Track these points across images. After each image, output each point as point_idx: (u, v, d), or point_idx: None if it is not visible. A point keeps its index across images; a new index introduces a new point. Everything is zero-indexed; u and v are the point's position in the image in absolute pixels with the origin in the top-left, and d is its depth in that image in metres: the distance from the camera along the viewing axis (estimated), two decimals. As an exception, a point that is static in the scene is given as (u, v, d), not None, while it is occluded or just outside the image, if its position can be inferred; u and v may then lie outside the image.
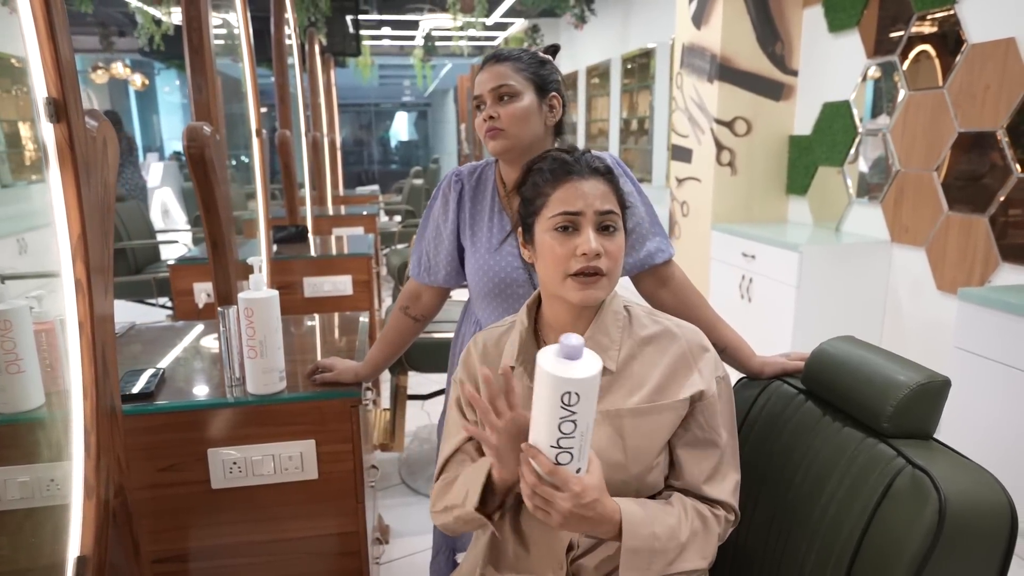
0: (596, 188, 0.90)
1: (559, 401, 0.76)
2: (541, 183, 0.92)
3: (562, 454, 0.79)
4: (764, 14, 3.62)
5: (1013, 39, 2.50)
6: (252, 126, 2.62)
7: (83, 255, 1.02)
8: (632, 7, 6.26)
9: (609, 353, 0.94)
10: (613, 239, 0.90)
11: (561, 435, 0.78)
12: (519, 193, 0.97)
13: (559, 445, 0.78)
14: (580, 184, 0.89)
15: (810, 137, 3.62)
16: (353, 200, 6.11)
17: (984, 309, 2.10)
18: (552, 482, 0.78)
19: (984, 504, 0.77)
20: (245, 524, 1.35)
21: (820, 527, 0.91)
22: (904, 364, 0.92)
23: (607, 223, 0.90)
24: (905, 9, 2.99)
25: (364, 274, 2.90)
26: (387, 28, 8.50)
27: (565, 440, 0.78)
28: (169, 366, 1.49)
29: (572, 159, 0.92)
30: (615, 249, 0.90)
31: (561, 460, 0.79)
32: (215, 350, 1.63)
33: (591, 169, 0.91)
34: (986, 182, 2.63)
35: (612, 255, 0.90)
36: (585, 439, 0.79)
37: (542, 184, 0.91)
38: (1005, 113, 2.53)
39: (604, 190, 0.90)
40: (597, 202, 0.89)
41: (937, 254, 2.88)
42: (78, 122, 1.00)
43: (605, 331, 0.95)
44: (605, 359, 0.93)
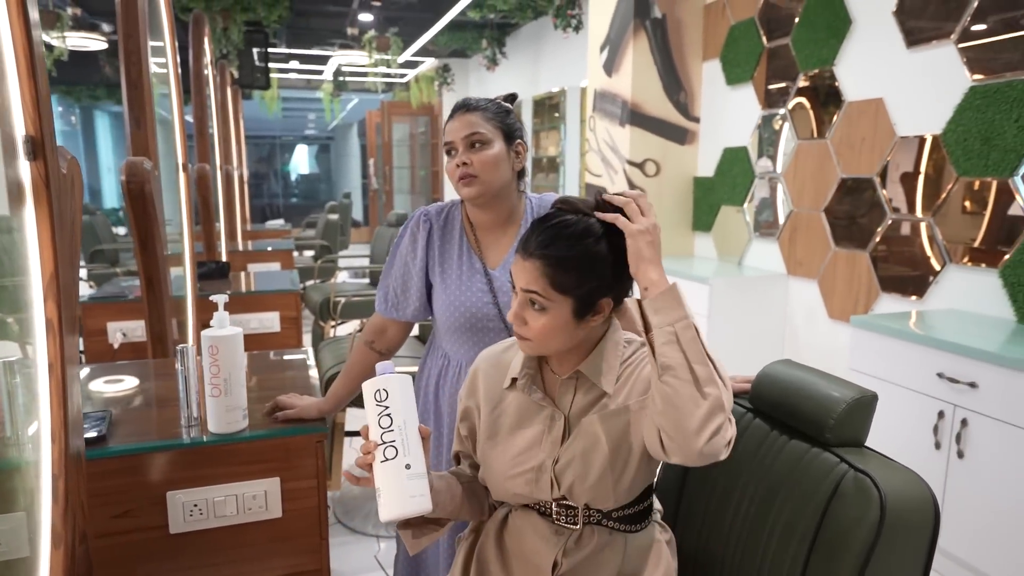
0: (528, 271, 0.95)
1: (374, 400, 0.93)
2: None
3: (388, 448, 0.92)
4: (669, 65, 3.92)
5: (881, 99, 2.87)
6: (178, 160, 2.56)
7: (55, 295, 1.00)
8: (542, 52, 6.57)
9: (606, 376, 1.02)
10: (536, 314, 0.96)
11: (382, 429, 0.92)
12: None
13: (383, 440, 0.92)
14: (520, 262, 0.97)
15: (713, 179, 3.94)
16: (263, 235, 5.95)
17: (872, 334, 2.37)
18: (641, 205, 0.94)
19: (915, 499, 0.90)
20: (204, 569, 1.31)
21: (776, 529, 1.02)
22: (838, 382, 1.06)
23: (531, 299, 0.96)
24: (792, 67, 3.35)
25: (292, 310, 2.86)
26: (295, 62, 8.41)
27: (387, 434, 0.92)
28: (114, 409, 1.43)
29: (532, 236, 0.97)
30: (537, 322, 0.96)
31: (387, 455, 0.91)
32: (158, 391, 1.58)
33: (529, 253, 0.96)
34: (865, 221, 2.97)
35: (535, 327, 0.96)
36: (406, 436, 0.92)
37: None
38: (879, 162, 2.88)
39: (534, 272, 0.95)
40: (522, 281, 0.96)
41: (827, 285, 3.19)
42: (53, 160, 0.99)
43: (603, 358, 1.02)
44: (600, 381, 1.01)
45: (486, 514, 1.13)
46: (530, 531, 1.05)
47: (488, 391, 1.10)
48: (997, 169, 2.40)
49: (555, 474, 1.01)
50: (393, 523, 0.97)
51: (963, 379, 2.07)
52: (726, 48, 3.79)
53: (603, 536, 1.03)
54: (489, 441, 1.07)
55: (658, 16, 3.86)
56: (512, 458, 1.04)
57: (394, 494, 0.91)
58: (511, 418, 1.06)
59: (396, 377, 0.95)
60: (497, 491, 1.07)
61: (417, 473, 0.92)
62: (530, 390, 1.05)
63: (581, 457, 1.00)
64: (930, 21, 2.66)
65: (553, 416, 1.03)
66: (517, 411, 1.06)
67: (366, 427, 0.94)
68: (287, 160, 19.51)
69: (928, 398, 2.18)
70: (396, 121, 10.23)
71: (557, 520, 1.03)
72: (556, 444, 1.02)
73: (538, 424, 1.04)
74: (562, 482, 1.01)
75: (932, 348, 2.17)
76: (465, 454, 1.16)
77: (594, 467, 0.99)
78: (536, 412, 1.05)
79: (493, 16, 5.71)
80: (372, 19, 6.30)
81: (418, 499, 0.91)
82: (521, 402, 1.06)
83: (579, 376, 1.03)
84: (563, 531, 1.03)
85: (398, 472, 0.91)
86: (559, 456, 1.01)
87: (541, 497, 1.03)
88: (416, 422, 0.95)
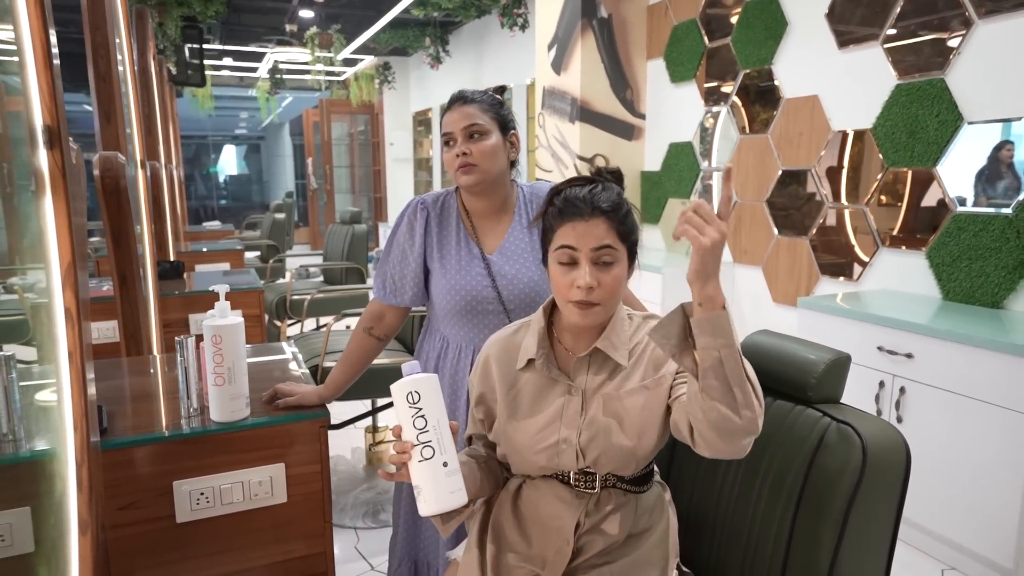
0: (595, 228, 1.01)
1: (407, 402, 0.97)
2: (551, 217, 1.06)
3: (425, 448, 0.97)
4: (615, 63, 4.06)
5: (817, 96, 3.07)
6: (136, 157, 2.50)
7: (72, 283, 1.00)
8: (485, 50, 6.63)
9: (620, 351, 1.09)
10: (608, 271, 1.03)
11: (418, 431, 0.97)
12: (542, 221, 1.10)
13: (419, 440, 0.97)
14: (580, 224, 1.02)
15: (659, 173, 4.10)
16: (204, 236, 5.78)
17: (818, 314, 2.56)
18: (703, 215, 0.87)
19: (890, 443, 1.02)
20: (212, 556, 1.31)
21: (766, 484, 1.13)
22: (814, 346, 1.17)
23: (602, 257, 1.03)
24: (732, 67, 3.54)
25: (255, 308, 2.83)
26: (229, 59, 8.18)
27: (423, 435, 0.97)
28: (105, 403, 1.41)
29: (580, 199, 1.03)
30: (609, 280, 1.03)
31: (425, 455, 0.97)
32: (143, 386, 1.57)
33: (593, 208, 1.02)
34: (805, 210, 3.18)
35: (606, 285, 1.03)
36: (441, 434, 0.97)
37: (552, 219, 1.06)
38: (816, 155, 3.09)
39: (603, 229, 1.01)
40: (592, 240, 1.01)
41: (771, 272, 3.39)
42: (68, 150, 1.00)
43: (617, 333, 1.10)
44: (617, 355, 1.09)
45: (502, 487, 1.20)
46: (550, 497, 1.11)
47: (502, 374, 1.15)
48: (921, 160, 2.62)
49: (580, 447, 1.08)
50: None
51: (900, 351, 2.26)
52: (669, 47, 3.96)
53: (618, 497, 1.11)
54: (511, 420, 1.12)
55: (604, 16, 3.99)
56: (535, 433, 1.10)
57: (433, 492, 0.97)
58: (529, 396, 1.12)
59: (426, 378, 0.98)
60: (521, 465, 1.13)
61: (453, 470, 0.98)
62: (548, 368, 1.11)
63: (605, 432, 1.06)
64: (859, 25, 2.88)
65: (570, 391, 1.10)
66: (535, 389, 1.12)
67: (398, 427, 0.98)
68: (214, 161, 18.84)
69: (869, 370, 2.37)
70: (336, 119, 10.09)
71: (576, 486, 1.11)
72: (576, 417, 1.08)
73: (557, 399, 1.10)
74: (588, 454, 1.08)
75: (872, 324, 2.36)
76: (479, 436, 1.22)
77: (618, 441, 1.06)
78: (552, 388, 1.11)
79: (437, 14, 5.74)
80: (312, 15, 6.21)
81: (457, 494, 0.98)
82: (537, 380, 1.12)
83: (593, 353, 1.10)
84: (583, 495, 1.10)
85: (436, 471, 0.97)
86: (582, 430, 1.08)
87: (565, 468, 1.10)
88: (447, 420, 1.00)
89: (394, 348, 2.72)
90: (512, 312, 1.37)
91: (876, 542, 1.03)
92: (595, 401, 1.09)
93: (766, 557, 1.11)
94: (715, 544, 1.22)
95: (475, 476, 1.12)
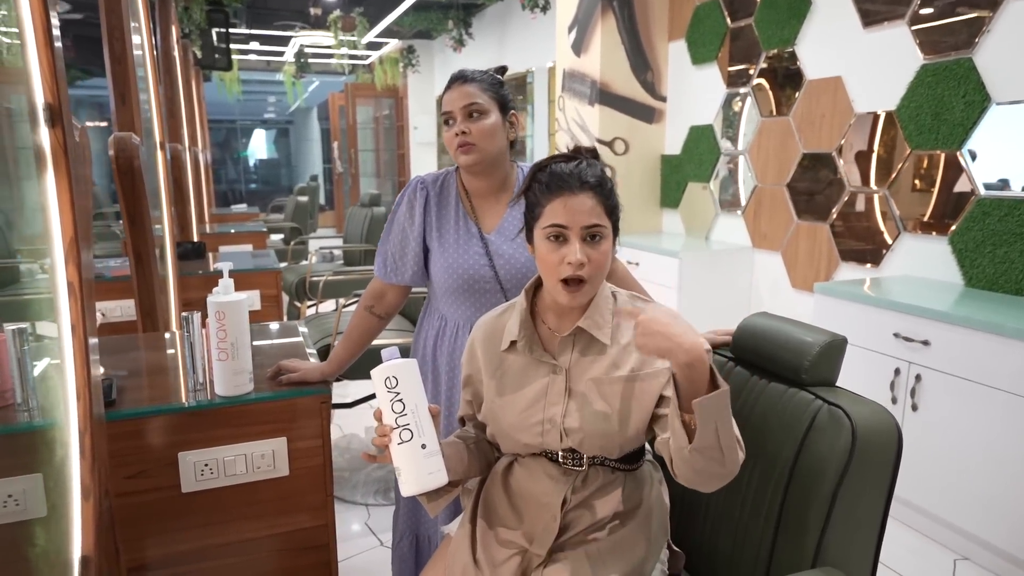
0: (585, 203, 1.01)
1: (385, 387, 0.99)
2: (538, 193, 1.05)
3: (403, 431, 0.99)
4: (636, 46, 4.01)
5: (840, 77, 3.00)
6: (156, 139, 2.55)
7: (75, 258, 1.04)
8: (508, 33, 6.59)
9: (604, 330, 1.09)
10: (598, 247, 1.03)
11: (396, 414, 0.99)
12: (524, 197, 1.10)
13: (398, 424, 0.99)
14: (570, 199, 1.01)
15: (680, 156, 4.05)
16: (230, 218, 5.89)
17: (835, 300, 2.52)
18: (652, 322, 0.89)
19: (881, 425, 1.01)
20: (216, 526, 1.36)
21: (759, 462, 1.12)
22: (810, 329, 1.16)
23: (593, 233, 1.03)
24: (755, 48, 3.47)
25: (272, 288, 2.88)
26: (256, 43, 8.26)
27: (401, 418, 0.99)
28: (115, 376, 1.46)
29: (567, 173, 1.03)
30: (599, 256, 1.03)
31: (404, 437, 0.99)
32: (159, 361, 1.61)
33: (582, 183, 1.02)
34: (826, 195, 3.12)
35: (595, 262, 1.03)
36: (419, 417, 1.00)
37: (539, 195, 1.05)
38: (838, 138, 3.02)
39: (592, 204, 1.02)
40: (583, 216, 1.01)
41: (791, 257, 3.34)
42: (70, 128, 1.03)
43: (599, 312, 1.10)
44: (600, 334, 1.09)
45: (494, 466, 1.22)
46: (539, 473, 1.12)
47: (487, 357, 1.16)
48: (946, 142, 2.55)
49: (564, 429, 1.08)
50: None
51: (917, 338, 2.22)
52: (691, 28, 3.89)
53: (607, 475, 1.12)
54: (498, 399, 1.14)
55: (625, -3, 3.93)
56: (520, 412, 1.11)
57: (413, 473, 1.00)
58: (514, 377, 1.13)
59: (403, 363, 1.01)
60: (507, 444, 1.14)
61: (432, 451, 1.01)
62: (532, 349, 1.11)
63: (591, 416, 1.06)
64: (884, 4, 2.80)
65: (555, 371, 1.10)
66: (520, 370, 1.13)
67: (379, 411, 1.01)
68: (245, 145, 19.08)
69: (885, 357, 2.33)
70: (360, 103, 10.13)
71: (564, 463, 1.11)
72: (560, 397, 1.09)
73: (541, 379, 1.11)
74: (571, 435, 1.08)
75: (889, 310, 2.31)
76: (469, 416, 1.24)
77: (603, 426, 1.06)
78: (536, 369, 1.12)
79: (459, -4, 5.72)
80: (336, -1, 6.23)
81: (435, 475, 1.01)
82: (521, 362, 1.12)
83: (577, 333, 1.11)
84: (571, 472, 1.11)
85: (414, 453, 1.00)
86: (567, 412, 1.08)
87: (550, 447, 1.11)
88: (426, 403, 1.02)
89: (405, 328, 2.75)
90: (509, 292, 1.37)
91: (864, 525, 1.03)
92: (583, 383, 1.09)
93: (755, 538, 1.11)
94: (707, 525, 1.22)
95: (462, 457, 1.14)
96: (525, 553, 1.09)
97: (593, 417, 1.07)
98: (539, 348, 1.12)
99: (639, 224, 4.23)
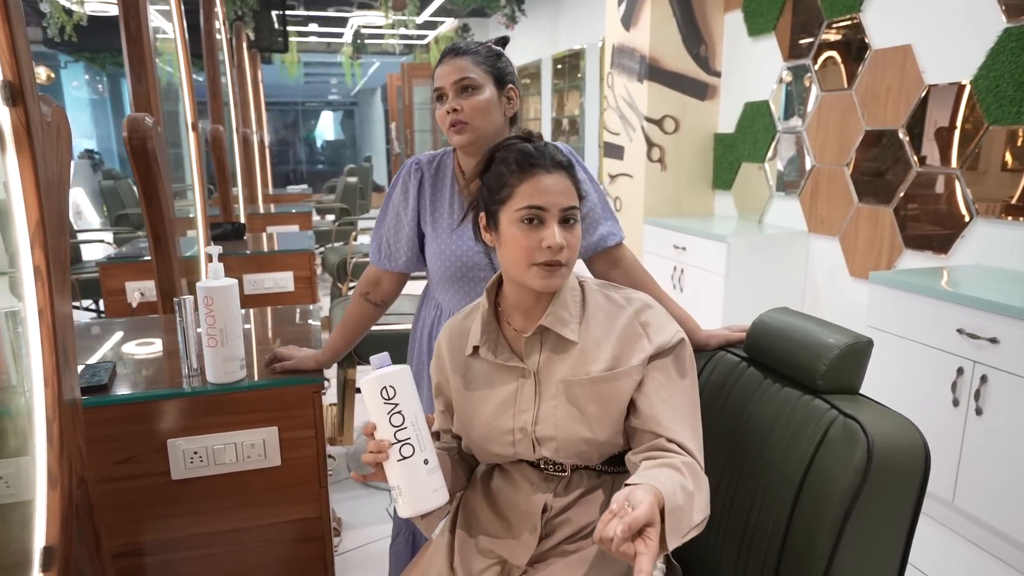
0: (560, 183, 0.94)
1: (381, 398, 0.90)
2: (507, 174, 0.96)
3: (404, 446, 0.90)
4: (689, 17, 3.80)
5: (910, 46, 2.74)
6: (187, 120, 2.56)
7: (42, 241, 1.01)
8: (561, 8, 6.41)
9: (570, 326, 0.99)
10: (573, 231, 0.96)
11: (395, 428, 0.90)
12: (481, 179, 1.01)
13: (397, 439, 0.90)
14: (545, 179, 0.94)
15: (733, 135, 3.83)
16: (284, 199, 5.99)
17: (891, 290, 2.31)
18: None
19: (904, 444, 0.88)
20: (206, 515, 1.34)
21: (764, 476, 1.00)
22: (833, 328, 1.02)
23: (568, 216, 0.95)
24: (816, 16, 3.22)
25: (305, 270, 2.88)
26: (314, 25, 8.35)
27: (401, 432, 0.90)
28: (118, 361, 1.46)
29: (536, 152, 0.95)
30: (575, 240, 0.96)
31: (404, 453, 0.89)
32: (162, 344, 1.61)
33: (555, 163, 0.95)
34: (890, 176, 2.87)
35: (572, 246, 0.96)
36: (419, 430, 0.90)
37: (507, 175, 0.96)
38: (905, 113, 2.77)
39: (567, 185, 0.95)
40: (561, 198, 0.94)
41: (849, 243, 3.11)
42: (34, 107, 0.99)
43: (565, 307, 1.00)
44: (566, 332, 0.99)
45: None
46: (519, 479, 1.04)
47: (453, 362, 1.07)
48: (1029, 117, 2.28)
49: (536, 438, 0.99)
50: None
51: (984, 335, 2.00)
52: (749, -3, 3.65)
53: (591, 479, 1.03)
54: (467, 409, 1.05)
55: (678, -35, 3.72)
56: (489, 422, 1.02)
57: (416, 492, 0.91)
58: (481, 384, 1.04)
59: (399, 370, 0.92)
60: (481, 455, 1.06)
61: (434, 467, 0.92)
62: (497, 353, 1.02)
63: (562, 421, 0.98)
64: (963, -39, 2.52)
65: (524, 375, 1.01)
66: (487, 375, 1.04)
67: (371, 424, 0.92)
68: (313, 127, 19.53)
69: (947, 354, 2.12)
70: (416, 84, 10.13)
71: (546, 469, 1.03)
72: (531, 403, 1.00)
73: (510, 384, 1.02)
74: (544, 444, 0.99)
75: (952, 303, 2.10)
76: (445, 429, 1.14)
77: (576, 431, 0.97)
78: (504, 374, 1.02)
79: (511, -28, 5.58)
80: (389, -22, 6.19)
81: (439, 492, 0.92)
82: (487, 367, 1.04)
83: (543, 332, 1.01)
84: (552, 478, 1.03)
85: (416, 470, 0.90)
86: (538, 419, 0.99)
87: (524, 457, 1.02)
88: (423, 413, 0.93)
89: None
90: None
91: (882, 556, 0.90)
92: (552, 386, 0.99)
93: (759, 557, 1.00)
94: (711, 539, 1.11)
95: (447, 469, 1.05)
96: (505, 564, 1.02)
97: (566, 423, 0.98)
98: (506, 351, 1.03)
99: (689, 207, 4.04)
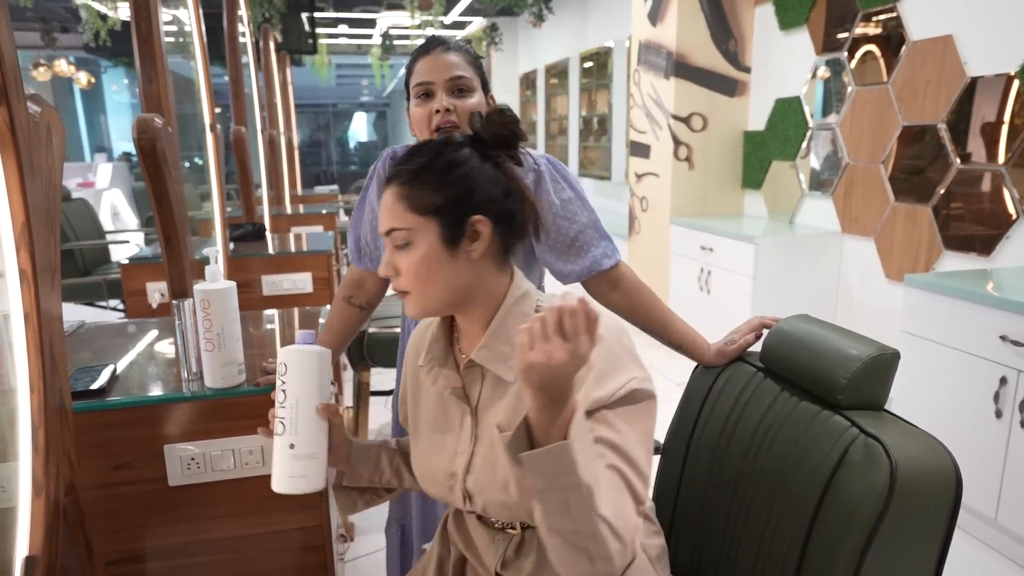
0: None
1: (278, 371, 0.89)
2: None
3: (278, 423, 0.89)
4: (717, 11, 3.69)
5: (951, 36, 2.60)
6: (206, 120, 2.56)
7: (27, 244, 0.98)
8: (589, 6, 6.32)
9: (509, 363, 0.82)
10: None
11: (278, 403, 0.88)
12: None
13: (277, 414, 0.89)
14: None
15: (764, 132, 3.71)
16: (312, 199, 6.02)
17: (928, 294, 2.19)
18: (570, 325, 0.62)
19: (932, 467, 0.80)
20: (204, 522, 1.31)
21: (779, 497, 0.93)
22: (856, 339, 0.95)
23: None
24: (851, 8, 3.09)
25: (324, 271, 2.86)
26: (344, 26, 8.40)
27: (280, 409, 0.88)
28: (123, 364, 1.44)
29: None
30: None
31: (277, 430, 0.89)
32: (171, 348, 1.59)
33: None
34: (929, 174, 2.73)
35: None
36: (296, 414, 0.87)
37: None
38: (945, 107, 2.63)
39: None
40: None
41: (885, 244, 2.98)
42: (19, 105, 0.97)
43: (507, 340, 0.83)
44: (502, 370, 0.83)
45: None
46: (471, 533, 0.93)
47: (411, 374, 0.97)
48: (1080, 110, 2.15)
49: (466, 489, 0.86)
50: None
51: (1028, 342, 1.88)
52: (780, -10, 3.53)
53: None
54: (413, 426, 0.96)
55: (706, -42, 3.62)
56: (427, 456, 0.91)
57: (277, 470, 0.90)
58: (427, 410, 0.93)
59: (301, 350, 0.88)
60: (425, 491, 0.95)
61: (302, 454, 0.88)
62: (436, 378, 0.89)
63: (490, 476, 0.83)
64: (1008, -54, 2.38)
65: (464, 411, 0.88)
66: (433, 402, 0.92)
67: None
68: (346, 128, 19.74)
69: (989, 363, 2.00)
70: (446, 84, 10.11)
71: (495, 524, 0.90)
72: (468, 444, 0.86)
73: (453, 414, 0.89)
74: (473, 500, 0.86)
75: (995, 308, 1.97)
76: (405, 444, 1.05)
77: (497, 496, 0.82)
78: (449, 404, 0.90)
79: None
80: (416, -22, 6.18)
81: (298, 480, 0.88)
82: (436, 392, 0.91)
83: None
84: (502, 537, 0.89)
85: (283, 450, 0.89)
86: (471, 467, 0.85)
87: (460, 508, 0.89)
88: (315, 401, 0.88)
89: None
90: None
91: (907, 589, 0.82)
92: (491, 429, 0.84)
93: (773, 588, 0.92)
94: (719, 564, 1.04)
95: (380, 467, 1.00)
96: None
97: (491, 480, 0.83)
98: (452, 376, 0.88)
99: (718, 207, 3.93)
